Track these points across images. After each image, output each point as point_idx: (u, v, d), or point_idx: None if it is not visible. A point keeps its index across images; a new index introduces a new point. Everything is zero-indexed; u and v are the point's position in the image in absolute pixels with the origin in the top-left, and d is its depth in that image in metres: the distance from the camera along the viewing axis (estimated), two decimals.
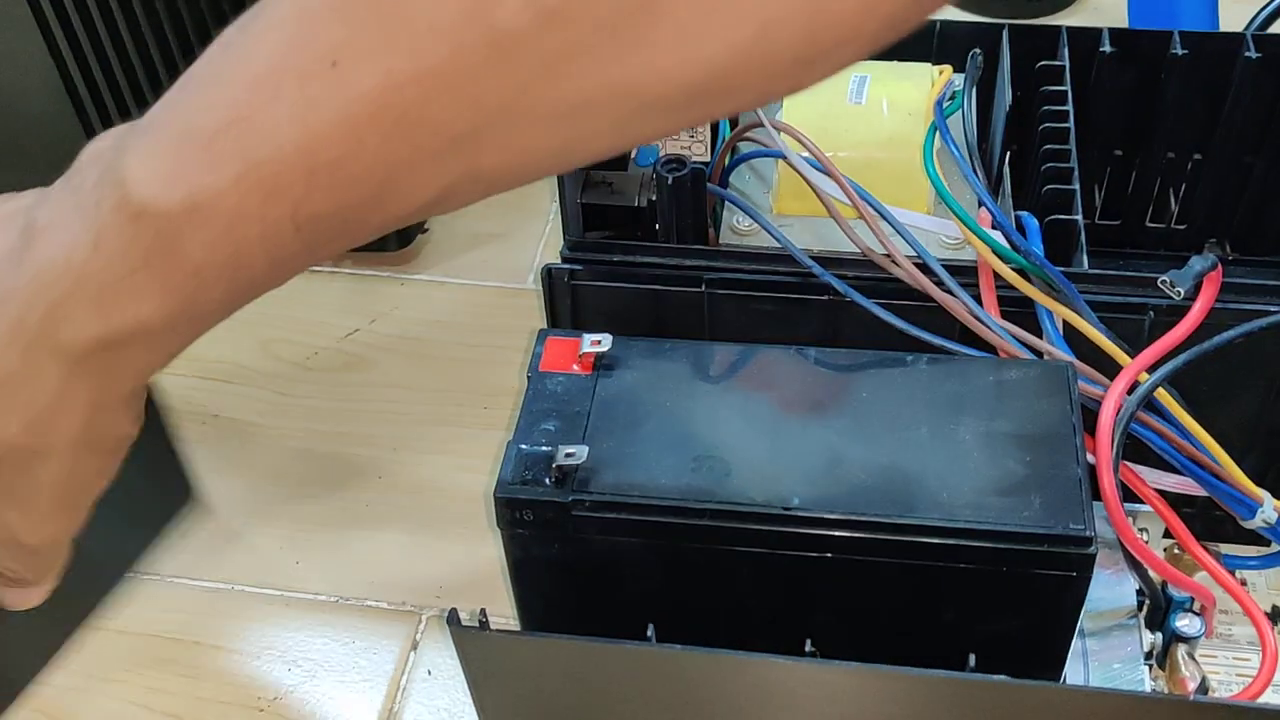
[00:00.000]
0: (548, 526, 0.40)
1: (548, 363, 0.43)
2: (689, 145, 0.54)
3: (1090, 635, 0.46)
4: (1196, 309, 0.41)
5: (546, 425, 0.41)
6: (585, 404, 0.42)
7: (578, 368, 0.43)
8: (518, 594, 0.43)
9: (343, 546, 0.59)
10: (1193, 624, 0.45)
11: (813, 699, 0.40)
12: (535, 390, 0.42)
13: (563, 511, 0.40)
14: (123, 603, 0.58)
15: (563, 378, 0.42)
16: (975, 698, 0.38)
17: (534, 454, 0.40)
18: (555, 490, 0.40)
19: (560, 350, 0.43)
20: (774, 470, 0.40)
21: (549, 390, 0.42)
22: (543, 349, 0.43)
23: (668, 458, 0.40)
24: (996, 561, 0.38)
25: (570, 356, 0.43)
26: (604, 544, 0.40)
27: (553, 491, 0.40)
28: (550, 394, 0.42)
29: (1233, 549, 0.50)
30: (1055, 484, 0.39)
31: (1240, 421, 0.49)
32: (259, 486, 0.62)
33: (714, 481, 0.39)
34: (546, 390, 0.42)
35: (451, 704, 0.53)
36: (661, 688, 0.41)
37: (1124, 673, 0.45)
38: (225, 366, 0.68)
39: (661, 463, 0.40)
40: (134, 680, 0.55)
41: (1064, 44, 0.56)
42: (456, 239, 0.74)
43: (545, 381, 0.43)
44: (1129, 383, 0.41)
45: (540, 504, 0.40)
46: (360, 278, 0.72)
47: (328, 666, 0.55)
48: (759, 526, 0.39)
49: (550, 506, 0.40)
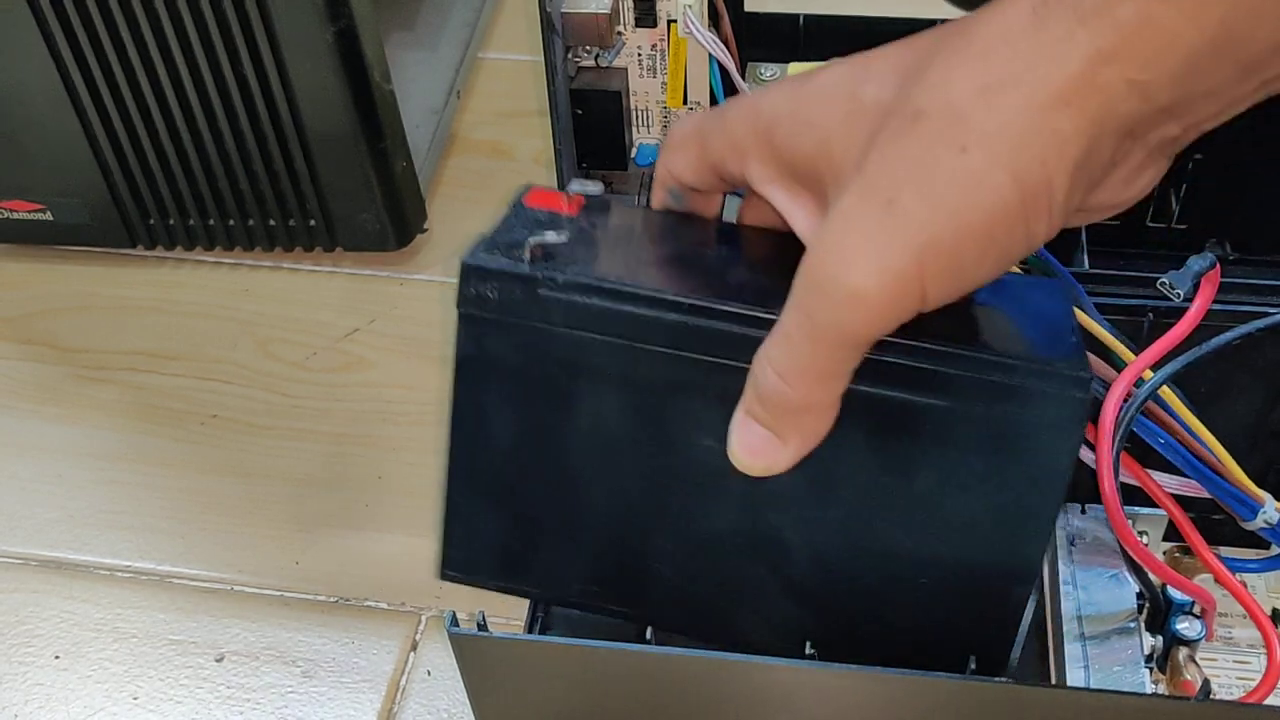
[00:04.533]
0: (510, 309, 0.37)
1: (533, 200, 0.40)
2: None
3: (1090, 638, 0.46)
4: (1194, 309, 0.41)
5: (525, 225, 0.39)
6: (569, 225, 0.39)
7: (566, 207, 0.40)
8: (455, 405, 0.39)
9: (343, 546, 0.59)
10: (1193, 627, 0.45)
11: (813, 701, 0.40)
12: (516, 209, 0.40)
13: (530, 289, 0.36)
14: (123, 602, 0.58)
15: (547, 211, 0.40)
16: (976, 700, 0.38)
17: (508, 240, 0.38)
18: (526, 266, 0.36)
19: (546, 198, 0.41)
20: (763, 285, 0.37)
21: (531, 213, 0.39)
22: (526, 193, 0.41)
23: (652, 267, 0.38)
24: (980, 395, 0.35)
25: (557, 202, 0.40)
26: (567, 341, 0.37)
27: (523, 266, 0.36)
28: (532, 215, 0.39)
29: (1231, 552, 0.50)
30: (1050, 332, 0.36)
31: (1242, 423, 0.49)
32: (259, 486, 0.62)
33: (697, 285, 0.37)
34: (529, 214, 0.39)
35: (451, 705, 0.53)
36: (661, 691, 0.41)
37: (1124, 676, 0.45)
38: (225, 366, 0.68)
39: (643, 267, 0.38)
40: (133, 680, 0.55)
41: None
42: (456, 239, 0.73)
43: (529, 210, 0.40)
44: (1129, 384, 0.41)
45: (508, 276, 0.36)
46: (360, 278, 0.72)
47: (327, 666, 0.55)
48: (737, 330, 0.35)
49: (518, 281, 0.36)
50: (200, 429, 0.65)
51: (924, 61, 0.32)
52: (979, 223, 0.30)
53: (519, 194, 0.40)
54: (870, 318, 0.32)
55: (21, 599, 0.58)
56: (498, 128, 0.80)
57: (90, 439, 0.65)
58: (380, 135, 0.67)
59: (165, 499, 0.62)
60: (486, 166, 0.78)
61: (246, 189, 0.69)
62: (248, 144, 0.67)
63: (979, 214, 0.30)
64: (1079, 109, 0.29)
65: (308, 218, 0.70)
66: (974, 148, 0.30)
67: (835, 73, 0.34)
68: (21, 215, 0.72)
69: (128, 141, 0.68)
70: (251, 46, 0.63)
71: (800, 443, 0.35)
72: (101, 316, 0.71)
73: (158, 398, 0.67)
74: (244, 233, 0.71)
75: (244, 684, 0.54)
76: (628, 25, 0.50)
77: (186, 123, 0.66)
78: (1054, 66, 0.29)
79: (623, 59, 0.51)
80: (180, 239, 0.72)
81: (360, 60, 0.64)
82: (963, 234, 0.30)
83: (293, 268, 0.73)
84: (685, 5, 0.49)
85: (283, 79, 0.64)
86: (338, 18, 0.62)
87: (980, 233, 0.30)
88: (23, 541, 0.61)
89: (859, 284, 0.31)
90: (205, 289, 0.72)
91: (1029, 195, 0.30)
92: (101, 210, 0.71)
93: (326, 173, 0.68)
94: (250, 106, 0.65)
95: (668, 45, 0.51)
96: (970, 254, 0.31)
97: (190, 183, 0.69)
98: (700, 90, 0.52)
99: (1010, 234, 0.31)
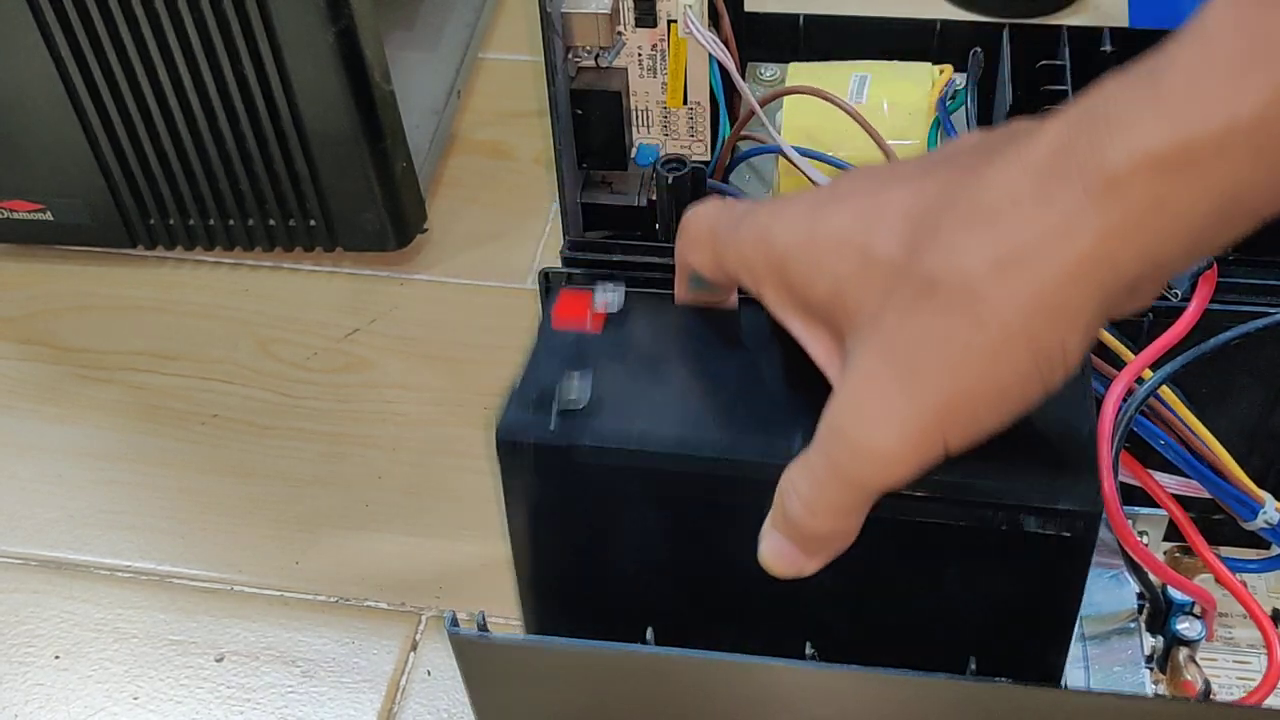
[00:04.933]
0: (548, 469, 0.40)
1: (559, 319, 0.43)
2: (689, 145, 0.54)
3: (1090, 639, 0.46)
4: (1192, 308, 0.41)
5: (551, 370, 0.41)
6: (593, 354, 0.41)
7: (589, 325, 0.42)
8: (514, 541, 0.42)
9: (343, 546, 0.59)
10: (1193, 627, 0.45)
11: (814, 703, 0.39)
12: (544, 341, 0.42)
13: (563, 455, 0.39)
14: (123, 602, 0.58)
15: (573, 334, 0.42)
16: (976, 701, 0.38)
17: (538, 397, 0.40)
18: (557, 434, 0.39)
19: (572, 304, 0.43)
20: (777, 424, 0.39)
21: (557, 342, 0.42)
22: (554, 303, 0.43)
23: (673, 408, 0.40)
24: (997, 521, 0.37)
25: (582, 312, 0.42)
26: (603, 489, 0.40)
27: (554, 435, 0.39)
28: (558, 346, 0.42)
29: (1232, 552, 0.50)
30: (1062, 445, 0.38)
31: (1242, 425, 0.49)
32: (259, 486, 0.62)
33: (717, 431, 0.39)
34: (555, 342, 0.42)
35: (451, 705, 0.53)
36: (661, 692, 0.40)
37: (1125, 676, 0.45)
38: (225, 366, 0.68)
39: (666, 412, 0.40)
40: (134, 680, 0.55)
41: (1064, 44, 0.56)
42: (456, 239, 0.73)
43: (555, 336, 0.42)
44: (1128, 384, 0.41)
45: (541, 447, 0.39)
46: (360, 278, 0.72)
47: (327, 667, 0.55)
48: (760, 477, 0.38)
49: (550, 450, 0.39)
50: (200, 429, 0.65)
51: (934, 218, 0.33)
52: (997, 389, 0.32)
53: (546, 312, 0.43)
54: (891, 472, 0.34)
55: (21, 599, 0.58)
56: (498, 128, 0.80)
57: (90, 439, 0.65)
58: (380, 135, 0.67)
59: (165, 499, 0.62)
60: (486, 166, 0.78)
61: (246, 189, 0.69)
62: (248, 144, 0.67)
63: (996, 382, 0.32)
64: (1092, 282, 0.31)
65: (308, 218, 0.70)
66: (990, 324, 0.31)
67: (846, 216, 0.35)
68: (21, 215, 0.72)
69: (128, 141, 0.67)
70: (252, 47, 0.63)
71: (825, 557, 0.37)
72: (101, 316, 0.71)
73: (158, 398, 0.67)
74: (244, 233, 0.71)
75: (244, 684, 0.54)
76: (628, 25, 0.50)
77: (186, 123, 0.66)
78: (1065, 243, 0.30)
79: (623, 59, 0.51)
80: (180, 239, 0.72)
81: (360, 60, 0.64)
82: (981, 399, 0.32)
83: (293, 268, 0.73)
84: (685, 5, 0.49)
85: (283, 79, 0.64)
86: (338, 18, 0.62)
87: (998, 397, 0.32)
88: (23, 541, 0.61)
89: (881, 445, 0.33)
90: (205, 289, 0.72)
91: (1043, 361, 0.32)
92: (101, 210, 0.71)
93: (327, 173, 0.68)
94: (250, 107, 0.65)
95: (668, 45, 0.50)
96: (989, 413, 0.33)
97: (190, 183, 0.69)
98: (700, 90, 0.52)
99: (1027, 393, 0.32)
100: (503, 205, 0.76)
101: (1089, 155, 0.30)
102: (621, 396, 0.40)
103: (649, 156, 0.53)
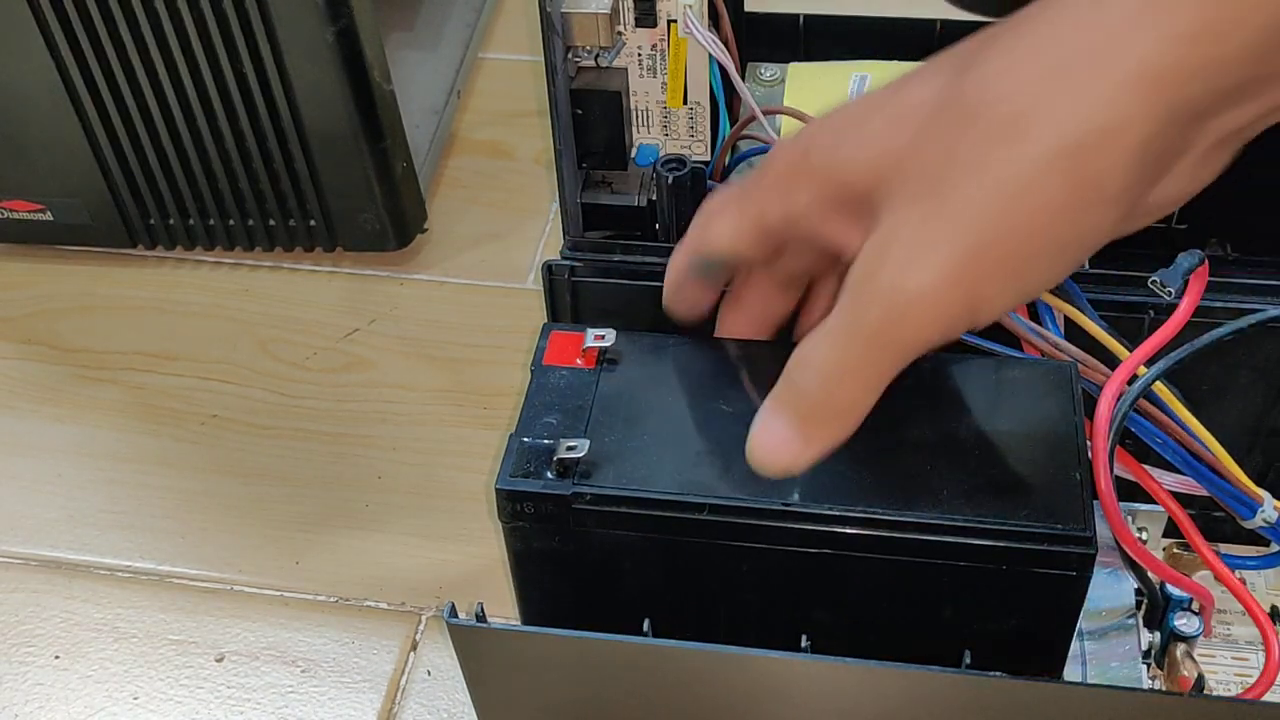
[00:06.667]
0: (548, 519, 0.40)
1: (551, 356, 0.43)
2: (689, 144, 0.54)
3: (1088, 634, 0.46)
4: (1184, 306, 0.41)
5: (549, 419, 0.41)
6: (587, 398, 0.42)
7: (581, 362, 0.43)
8: (518, 587, 0.43)
9: (343, 546, 0.60)
10: (1191, 623, 0.45)
11: (810, 695, 0.40)
12: (538, 384, 0.43)
13: (563, 505, 0.40)
14: (123, 602, 0.58)
15: (566, 372, 0.43)
16: (972, 695, 0.38)
17: (536, 447, 0.41)
18: (556, 483, 0.40)
19: (564, 344, 0.43)
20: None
21: (551, 384, 0.42)
22: (546, 343, 0.44)
23: (669, 453, 0.40)
24: (995, 560, 0.38)
25: (574, 351, 0.43)
26: (604, 537, 0.40)
27: (553, 485, 0.40)
28: (553, 388, 0.42)
29: (1230, 549, 0.50)
30: (1056, 483, 0.39)
31: (1241, 422, 0.49)
32: (259, 486, 0.62)
33: (714, 477, 0.39)
34: (549, 384, 0.42)
35: (451, 705, 0.53)
36: (659, 683, 0.41)
37: (1122, 672, 0.45)
38: (225, 366, 0.68)
39: (662, 458, 0.40)
40: (134, 680, 0.55)
41: None
42: (456, 239, 0.74)
43: (548, 375, 0.43)
44: (1123, 381, 0.41)
45: (541, 497, 0.40)
46: (360, 278, 0.72)
47: (327, 666, 0.55)
48: (757, 522, 0.39)
49: (551, 500, 0.40)
50: (200, 429, 0.65)
51: (974, 57, 0.31)
52: (1030, 227, 0.30)
53: (539, 350, 0.44)
54: (921, 320, 0.31)
55: (21, 599, 0.58)
56: (498, 128, 0.80)
57: (90, 439, 0.65)
58: (380, 135, 0.67)
59: (165, 499, 0.62)
60: (486, 166, 0.78)
61: (246, 189, 0.69)
62: (248, 144, 0.67)
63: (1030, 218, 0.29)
64: (1149, 90, 0.28)
65: (308, 218, 0.70)
66: (1029, 143, 0.29)
67: (876, 93, 0.34)
68: (21, 215, 0.72)
69: (128, 141, 0.68)
70: (251, 46, 0.63)
71: (821, 446, 0.35)
72: (101, 316, 0.71)
73: (158, 398, 0.67)
74: (244, 233, 0.71)
75: (244, 684, 0.55)
76: (628, 25, 0.50)
77: (186, 123, 0.66)
78: (1122, 47, 0.28)
79: (623, 59, 0.51)
80: (180, 239, 0.72)
81: (360, 60, 0.64)
82: (1014, 236, 0.30)
83: (293, 268, 0.73)
84: (685, 5, 0.49)
85: (283, 79, 0.64)
86: (338, 18, 0.62)
87: (1031, 235, 0.30)
88: (23, 541, 0.61)
89: (913, 285, 0.31)
90: (205, 289, 0.72)
91: (1081, 192, 0.29)
92: (101, 210, 0.71)
93: (326, 173, 0.68)
94: (250, 106, 0.65)
95: (668, 45, 0.51)
96: (1020, 260, 0.30)
97: (190, 182, 0.69)
98: (700, 90, 0.52)
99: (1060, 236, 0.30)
100: (503, 205, 0.76)
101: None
102: (619, 442, 0.41)
103: (649, 156, 0.53)
